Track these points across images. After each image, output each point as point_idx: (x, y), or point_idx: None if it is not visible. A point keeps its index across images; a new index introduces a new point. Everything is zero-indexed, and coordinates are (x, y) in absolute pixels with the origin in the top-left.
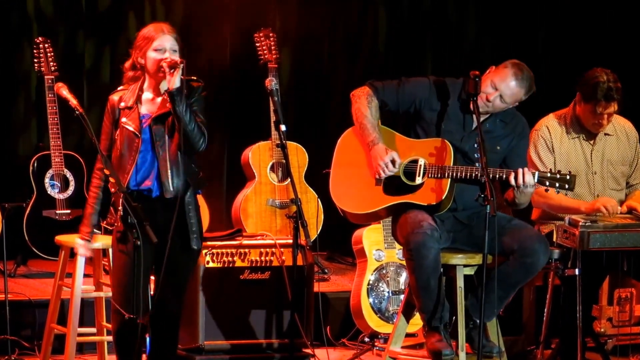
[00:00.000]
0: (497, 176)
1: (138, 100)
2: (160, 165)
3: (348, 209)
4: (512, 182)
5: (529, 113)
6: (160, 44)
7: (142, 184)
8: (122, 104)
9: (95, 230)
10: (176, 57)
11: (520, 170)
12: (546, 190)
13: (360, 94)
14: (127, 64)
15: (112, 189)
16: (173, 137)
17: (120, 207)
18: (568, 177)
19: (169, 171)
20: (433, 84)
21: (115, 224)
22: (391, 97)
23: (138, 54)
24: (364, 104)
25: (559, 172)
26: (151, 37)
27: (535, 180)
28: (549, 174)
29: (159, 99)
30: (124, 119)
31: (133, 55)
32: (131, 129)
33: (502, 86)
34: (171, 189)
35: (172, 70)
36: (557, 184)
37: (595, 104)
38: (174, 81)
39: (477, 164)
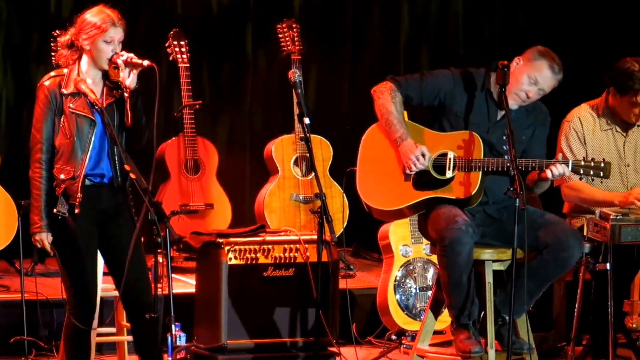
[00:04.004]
0: (530, 167)
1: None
2: (113, 154)
3: (378, 205)
4: (549, 175)
5: (559, 102)
6: (112, 37)
7: (94, 170)
8: (64, 90)
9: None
10: (119, 49)
11: (557, 164)
12: (580, 179)
13: (382, 89)
14: (65, 42)
15: (62, 176)
16: (122, 128)
17: (79, 194)
18: (602, 164)
19: (117, 160)
20: (456, 75)
21: (76, 211)
22: (415, 91)
23: (84, 39)
24: (388, 99)
25: (592, 159)
26: (102, 27)
27: (570, 169)
28: (582, 162)
29: (100, 86)
30: (71, 105)
31: (73, 35)
32: (84, 114)
33: (542, 81)
34: (119, 179)
35: (130, 69)
36: (591, 172)
37: (635, 95)
38: (133, 80)
39: (505, 156)
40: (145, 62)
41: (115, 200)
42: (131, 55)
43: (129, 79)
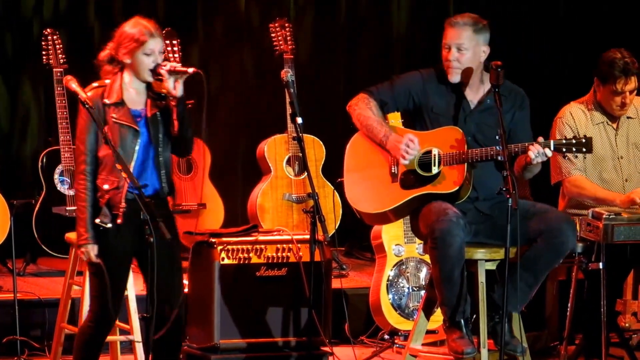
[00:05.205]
0: (514, 153)
1: (122, 96)
2: (158, 165)
3: (370, 210)
4: (532, 156)
5: (545, 99)
6: (152, 49)
7: (137, 181)
8: (107, 101)
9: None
10: (161, 59)
11: (536, 145)
12: (564, 157)
13: (356, 101)
14: (104, 57)
15: (106, 187)
16: (168, 139)
17: (123, 204)
18: (584, 140)
19: (164, 171)
20: (425, 74)
21: (118, 221)
22: (387, 96)
23: (124, 53)
24: (363, 107)
25: (574, 137)
26: (142, 40)
27: (552, 149)
28: (564, 141)
29: (144, 97)
30: (114, 115)
31: (113, 50)
32: (127, 124)
33: (449, 39)
34: (167, 189)
35: (176, 77)
36: (574, 149)
37: (615, 82)
38: (179, 89)
39: (492, 139)
40: (191, 70)
41: (157, 212)
42: (174, 64)
43: (175, 89)
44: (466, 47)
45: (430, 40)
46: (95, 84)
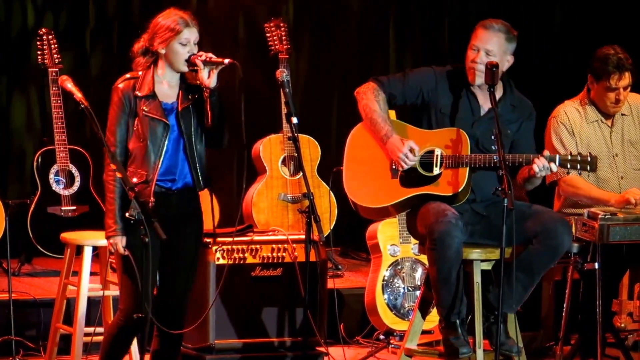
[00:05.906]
0: (517, 162)
1: (154, 89)
2: (191, 158)
3: (365, 203)
4: (536, 169)
5: (545, 99)
6: (187, 38)
7: (166, 175)
8: (138, 93)
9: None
10: (196, 49)
11: (541, 158)
12: (567, 173)
13: (365, 89)
14: (139, 48)
15: (135, 180)
16: (201, 132)
17: (152, 198)
18: (589, 158)
19: (198, 164)
20: (438, 72)
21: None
22: (398, 90)
23: (158, 43)
24: (371, 98)
25: (579, 154)
26: (177, 29)
27: (557, 164)
28: (569, 157)
29: (176, 90)
30: (144, 108)
31: (147, 41)
32: (158, 118)
33: (479, 42)
34: (202, 182)
35: (211, 68)
36: (578, 166)
37: (609, 78)
38: (213, 79)
39: (495, 157)
40: (226, 60)
41: (184, 209)
42: (210, 54)
43: (210, 79)
44: (495, 54)
45: (428, 41)
46: (127, 75)
